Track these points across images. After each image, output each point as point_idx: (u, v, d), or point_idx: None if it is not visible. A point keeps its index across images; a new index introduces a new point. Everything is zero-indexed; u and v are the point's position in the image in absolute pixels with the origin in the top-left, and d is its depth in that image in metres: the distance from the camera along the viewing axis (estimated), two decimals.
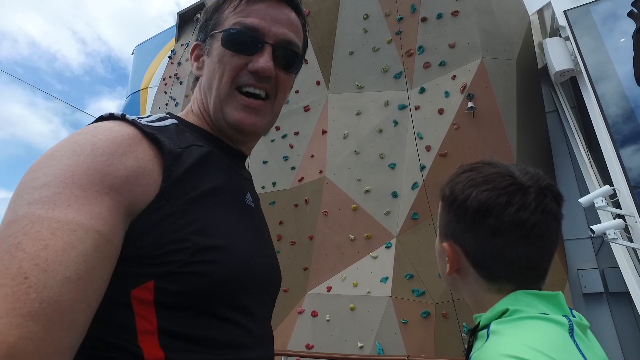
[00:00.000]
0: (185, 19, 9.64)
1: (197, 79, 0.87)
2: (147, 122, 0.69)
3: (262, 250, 0.77)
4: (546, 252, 0.71)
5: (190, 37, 9.23)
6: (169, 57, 9.51)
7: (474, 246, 0.73)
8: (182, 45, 9.36)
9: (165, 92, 8.99)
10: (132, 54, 12.94)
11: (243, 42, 0.76)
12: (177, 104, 8.61)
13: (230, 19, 0.78)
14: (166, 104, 8.81)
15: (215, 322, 0.62)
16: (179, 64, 8.98)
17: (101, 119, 0.66)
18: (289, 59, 0.81)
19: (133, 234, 0.56)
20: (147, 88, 10.73)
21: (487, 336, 0.64)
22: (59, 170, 0.52)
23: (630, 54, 4.38)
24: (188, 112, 0.85)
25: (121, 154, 0.58)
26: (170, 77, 9.10)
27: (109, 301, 0.53)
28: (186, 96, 8.45)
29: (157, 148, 0.63)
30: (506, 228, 0.69)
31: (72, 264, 0.46)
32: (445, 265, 0.79)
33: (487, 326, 0.67)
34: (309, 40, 0.93)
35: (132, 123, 0.64)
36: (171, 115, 0.78)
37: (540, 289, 0.71)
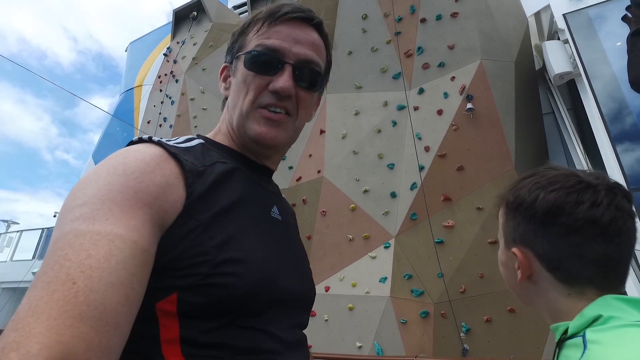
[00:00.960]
0: (181, 16, 9.55)
1: (226, 98, 0.90)
2: (175, 143, 0.74)
3: (289, 262, 0.79)
4: (625, 250, 0.69)
5: (186, 35, 9.16)
6: (165, 54, 9.41)
7: (547, 247, 0.71)
8: (177, 42, 9.27)
9: (161, 90, 8.90)
10: (126, 51, 12.80)
11: (264, 62, 0.80)
12: (172, 102, 8.53)
13: (253, 41, 0.82)
14: (161, 102, 8.72)
15: (238, 331, 0.64)
16: (175, 61, 8.90)
17: (132, 143, 0.71)
18: (310, 78, 0.83)
19: (160, 248, 0.60)
20: (141, 85, 10.61)
21: (584, 346, 0.60)
22: (96, 190, 0.58)
23: (626, 57, 4.44)
24: (217, 131, 0.89)
25: (150, 171, 0.62)
26: (165, 74, 9.01)
27: None
28: (182, 94, 8.38)
29: (181, 167, 0.67)
30: (581, 225, 0.67)
31: (114, 270, 0.50)
32: (515, 274, 0.76)
33: (577, 334, 0.64)
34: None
35: (159, 144, 0.69)
36: (199, 136, 0.83)
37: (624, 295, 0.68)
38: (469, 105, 4.94)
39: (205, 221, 0.64)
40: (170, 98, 8.63)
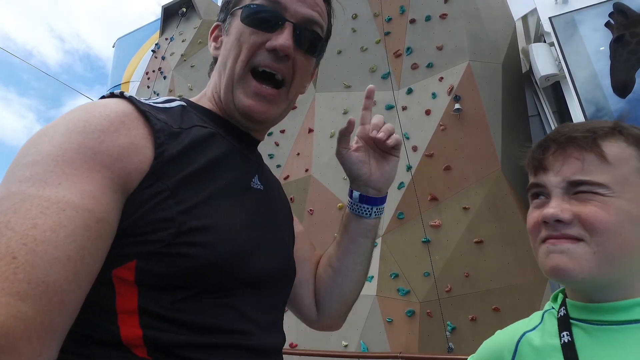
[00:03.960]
0: (169, 12, 9.44)
1: (214, 62, 0.83)
2: (153, 102, 0.68)
3: (267, 236, 0.73)
4: None
5: (175, 31, 9.06)
6: (153, 51, 9.30)
7: None
8: (166, 39, 9.17)
9: (148, 87, 8.79)
10: (113, 47, 12.62)
11: (263, 18, 0.73)
12: None
13: None
14: (149, 99, 8.62)
15: (203, 307, 0.59)
16: (163, 58, 8.80)
17: (102, 98, 0.65)
18: (311, 40, 0.77)
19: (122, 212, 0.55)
20: (128, 82, 10.47)
21: None
22: (51, 148, 0.52)
23: (609, 61, 4.54)
24: (202, 95, 0.83)
25: (113, 130, 0.57)
26: (153, 71, 8.90)
27: None
28: (170, 91, 8.29)
29: (150, 126, 0.61)
30: None
31: (61, 244, 0.46)
32: None
33: None
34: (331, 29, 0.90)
35: (130, 100, 0.63)
36: (182, 99, 0.77)
37: None
38: (457, 106, 4.97)
39: (172, 185, 0.59)
40: (158, 95, 8.52)
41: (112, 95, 0.65)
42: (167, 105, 0.71)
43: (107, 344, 0.54)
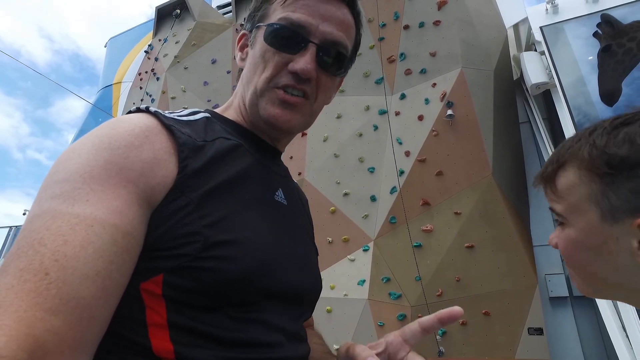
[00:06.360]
0: (163, 13, 9.41)
1: (241, 70, 0.84)
2: (177, 116, 0.69)
3: (291, 251, 0.73)
4: None
5: (169, 32, 9.03)
6: (146, 51, 9.25)
7: None
8: (159, 40, 9.13)
9: (141, 87, 8.74)
10: (105, 46, 12.53)
11: (286, 38, 0.73)
12: (152, 100, 8.38)
13: (277, 12, 0.75)
14: (141, 100, 8.56)
15: (230, 321, 0.60)
16: (156, 59, 8.76)
17: (129, 113, 0.67)
18: (334, 61, 0.77)
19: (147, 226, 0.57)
20: (120, 82, 10.40)
21: None
22: (79, 165, 0.54)
23: (597, 70, 4.64)
24: (228, 105, 0.84)
25: (137, 145, 0.58)
26: (146, 72, 8.84)
27: None
28: (163, 92, 8.25)
29: (175, 139, 0.62)
30: None
31: (90, 260, 0.48)
32: (616, 258, 0.61)
33: None
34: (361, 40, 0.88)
35: (154, 114, 0.65)
36: (207, 110, 0.77)
37: None
38: (449, 112, 5.03)
39: (197, 198, 0.60)
40: (150, 96, 8.47)
41: (137, 110, 0.67)
42: (191, 117, 0.71)
43: (141, 355, 0.55)
